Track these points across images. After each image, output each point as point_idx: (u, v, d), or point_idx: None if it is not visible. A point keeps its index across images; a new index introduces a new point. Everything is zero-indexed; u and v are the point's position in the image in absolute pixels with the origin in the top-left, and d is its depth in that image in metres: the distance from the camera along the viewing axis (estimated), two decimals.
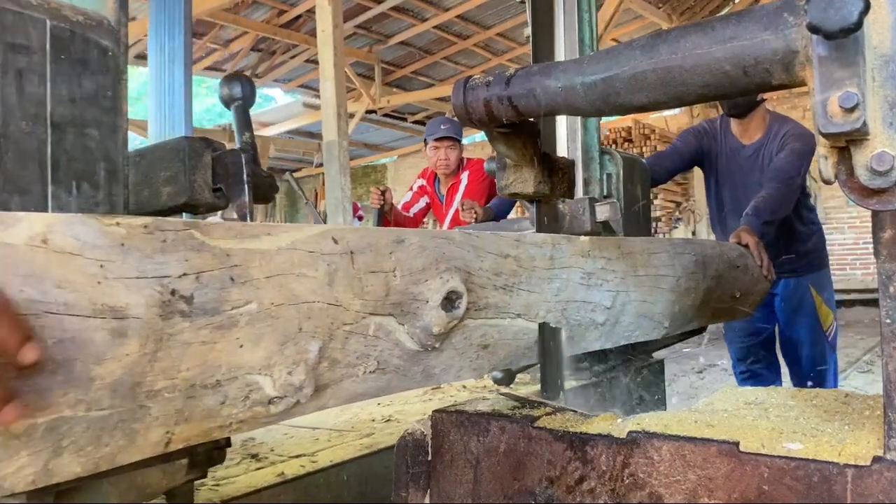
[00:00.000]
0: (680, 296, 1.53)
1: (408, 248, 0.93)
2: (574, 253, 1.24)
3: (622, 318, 1.37)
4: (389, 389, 0.94)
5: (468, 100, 1.13)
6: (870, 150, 0.74)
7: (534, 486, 1.00)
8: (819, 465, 0.79)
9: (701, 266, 1.60)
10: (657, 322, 1.47)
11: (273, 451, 1.66)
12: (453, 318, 0.97)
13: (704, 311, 1.67)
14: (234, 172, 1.17)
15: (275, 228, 0.80)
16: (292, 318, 0.79)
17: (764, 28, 0.82)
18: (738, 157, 3.18)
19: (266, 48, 11.82)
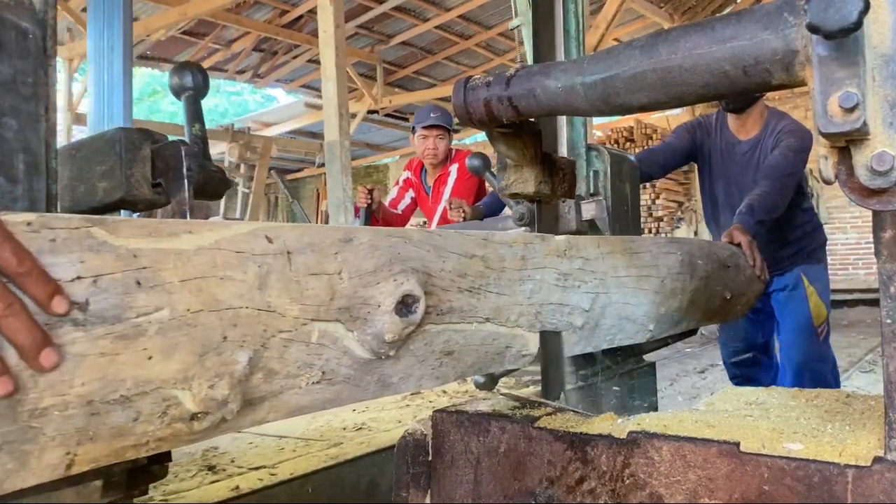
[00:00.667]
0: (665, 297, 1.46)
1: (357, 248, 0.86)
2: (548, 253, 1.18)
3: (602, 322, 1.31)
4: (340, 401, 0.87)
5: (468, 100, 1.13)
6: (870, 150, 0.73)
7: (534, 487, 1.00)
8: (820, 466, 0.79)
9: (688, 266, 1.54)
10: (641, 325, 1.41)
11: (233, 461, 1.57)
12: (409, 323, 0.90)
13: (693, 312, 1.61)
14: (174, 166, 1.09)
15: (199, 226, 0.73)
16: (214, 326, 0.71)
17: (764, 28, 0.82)
18: (733, 154, 3.12)
19: (268, 48, 11.83)
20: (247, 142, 12.36)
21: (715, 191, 3.20)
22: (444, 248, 0.99)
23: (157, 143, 1.11)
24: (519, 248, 1.11)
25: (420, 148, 4.08)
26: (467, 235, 1.04)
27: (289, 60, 12.21)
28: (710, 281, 1.64)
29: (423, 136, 4.04)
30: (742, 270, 1.91)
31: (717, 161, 3.16)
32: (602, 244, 1.31)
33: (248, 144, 12.35)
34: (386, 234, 0.91)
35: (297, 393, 0.82)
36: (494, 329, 1.08)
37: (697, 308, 1.61)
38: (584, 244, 1.26)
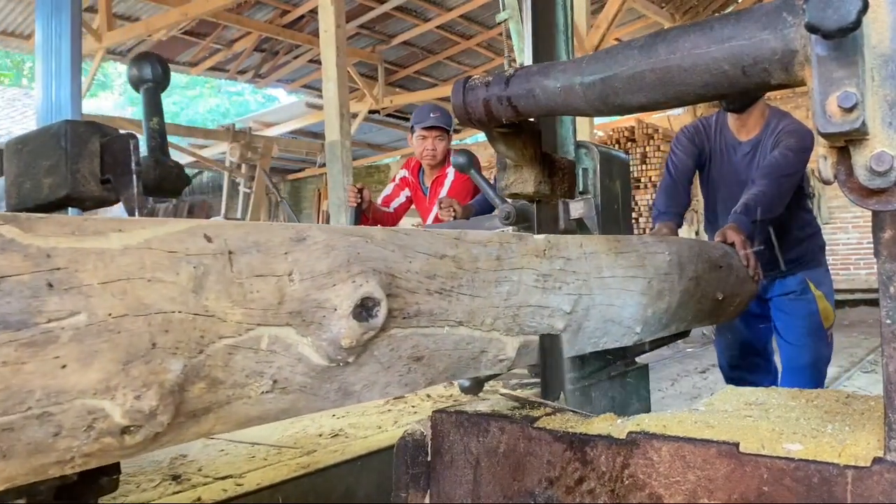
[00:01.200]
0: (653, 299, 1.41)
1: (310, 248, 0.81)
2: (526, 253, 1.12)
3: (586, 324, 1.25)
4: (297, 411, 0.83)
5: (467, 100, 1.13)
6: (869, 149, 0.73)
7: (533, 487, 1.00)
8: (819, 466, 0.79)
9: (676, 267, 1.48)
10: (627, 327, 1.36)
11: (200, 470, 1.50)
12: (370, 328, 0.84)
13: (683, 314, 1.55)
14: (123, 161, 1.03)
15: (131, 224, 0.68)
16: (140, 332, 0.65)
17: (763, 28, 0.82)
18: (733, 155, 3.04)
19: (269, 48, 11.84)
20: (248, 142, 12.36)
21: (715, 194, 3.13)
22: (411, 248, 0.94)
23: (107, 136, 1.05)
24: (494, 248, 1.07)
25: (418, 148, 3.98)
26: (437, 234, 0.99)
27: (290, 60, 12.22)
28: (700, 282, 1.59)
29: (421, 137, 3.94)
30: (735, 271, 1.85)
31: (717, 163, 3.09)
32: (585, 244, 1.26)
33: (250, 145, 12.36)
34: (344, 232, 0.86)
35: (247, 403, 0.77)
36: (468, 333, 1.02)
37: (687, 309, 1.57)
38: (566, 244, 1.22)
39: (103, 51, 9.72)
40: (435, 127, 3.90)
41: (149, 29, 9.36)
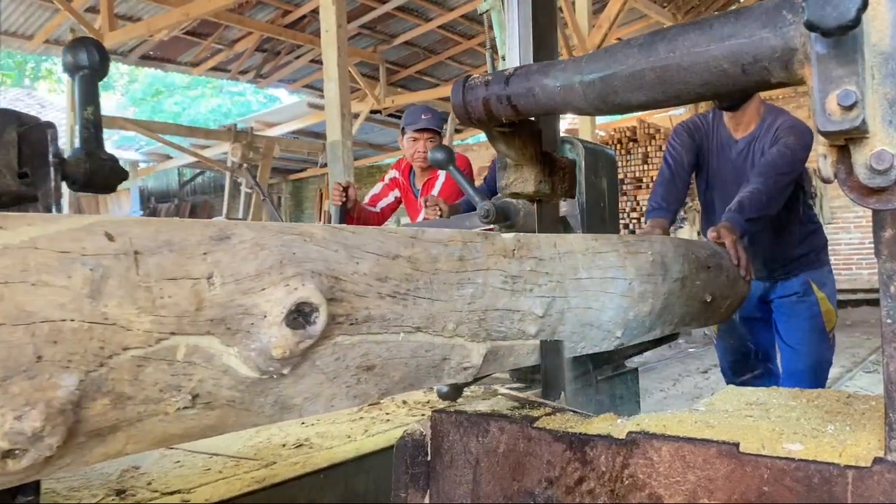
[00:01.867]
0: (634, 301, 1.34)
1: (234, 248, 0.73)
2: (493, 253, 1.05)
3: (561, 329, 1.19)
4: (227, 427, 0.76)
5: (467, 99, 1.13)
6: (869, 148, 0.73)
7: (533, 487, 0.99)
8: (819, 467, 0.79)
9: (660, 267, 1.41)
10: (607, 331, 1.30)
11: (150, 484, 1.41)
12: (307, 336, 0.76)
13: (668, 317, 1.49)
14: (41, 152, 0.95)
15: (14, 220, 0.61)
16: (21, 344, 0.58)
17: (762, 26, 0.81)
18: (728, 153, 2.98)
19: (270, 48, 11.85)
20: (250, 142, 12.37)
21: (712, 192, 3.08)
22: (359, 248, 0.86)
23: (25, 125, 0.97)
24: (456, 248, 0.99)
25: (409, 150, 3.88)
26: (390, 233, 0.92)
27: (291, 61, 12.23)
28: (686, 283, 1.52)
29: (412, 139, 3.84)
30: (724, 271, 1.77)
31: (713, 162, 3.04)
32: (559, 243, 1.20)
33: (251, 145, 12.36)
34: (277, 230, 0.79)
35: (164, 420, 0.69)
36: (428, 339, 0.95)
37: (673, 312, 1.50)
38: (537, 243, 1.15)
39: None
40: (426, 129, 3.82)
41: (150, 29, 9.37)
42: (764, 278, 3.02)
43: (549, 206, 1.39)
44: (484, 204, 1.66)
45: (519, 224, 1.65)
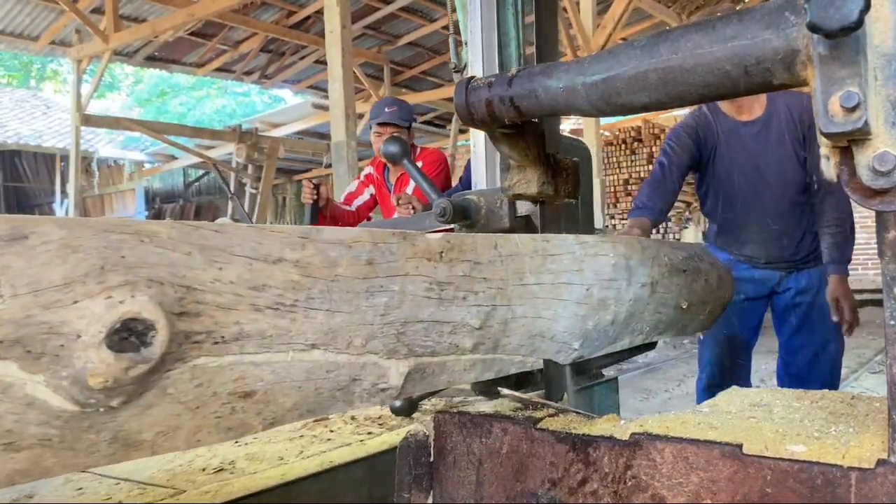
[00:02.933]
0: (593, 309, 1.22)
1: (33, 250, 0.59)
2: (413, 256, 0.92)
3: (505, 341, 1.06)
4: (46, 470, 0.62)
5: (470, 100, 1.13)
6: (872, 150, 0.73)
7: (536, 488, 1.00)
8: (823, 468, 0.79)
9: (624, 271, 1.28)
10: (562, 343, 1.18)
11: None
12: (140, 360, 0.62)
13: (636, 326, 1.37)
14: None
15: None
16: None
17: (765, 27, 0.81)
18: (739, 137, 2.87)
19: (275, 49, 11.87)
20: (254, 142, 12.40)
21: (730, 185, 2.94)
22: (222, 250, 0.72)
23: None
24: (362, 250, 0.86)
25: (375, 145, 3.67)
26: (270, 232, 0.79)
27: (296, 61, 12.24)
28: (656, 288, 1.39)
29: (377, 133, 3.62)
30: (703, 275, 1.63)
31: (722, 150, 2.92)
32: (501, 244, 1.07)
33: (256, 145, 12.40)
34: (101, 228, 0.64)
35: None
36: (328, 358, 0.82)
37: (641, 320, 1.38)
38: (473, 245, 1.02)
39: (110, 52, 9.75)
40: (388, 123, 3.60)
41: (155, 30, 9.39)
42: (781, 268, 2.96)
43: (553, 208, 1.38)
44: (440, 201, 1.50)
45: (480, 223, 1.51)
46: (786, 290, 2.98)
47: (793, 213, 2.88)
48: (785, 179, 2.85)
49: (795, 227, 2.89)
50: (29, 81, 24.29)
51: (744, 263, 2.97)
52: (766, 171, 2.83)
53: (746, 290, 2.94)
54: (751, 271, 2.96)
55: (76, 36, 10.05)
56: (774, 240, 2.92)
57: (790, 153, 2.82)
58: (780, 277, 2.97)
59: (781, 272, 2.97)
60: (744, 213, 2.93)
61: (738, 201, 2.94)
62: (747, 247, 2.97)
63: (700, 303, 1.62)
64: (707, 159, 2.97)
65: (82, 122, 10.28)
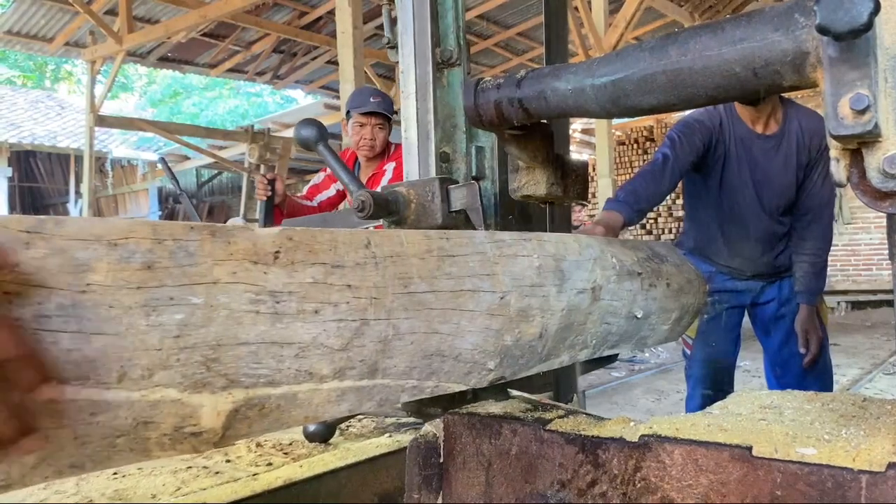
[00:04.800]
0: (511, 321, 1.03)
1: None
2: (227, 257, 0.73)
3: (387, 363, 0.88)
4: None
5: (479, 102, 1.14)
6: (882, 152, 0.72)
7: (545, 489, 1.00)
8: (833, 471, 0.78)
9: (553, 275, 1.10)
10: (472, 363, 0.99)
11: None
12: None
13: (576, 339, 1.18)
14: None
15: None
16: None
17: (774, 29, 0.81)
18: (750, 148, 2.75)
19: (287, 50, 11.91)
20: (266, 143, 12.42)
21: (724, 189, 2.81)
22: None
23: None
24: (136, 250, 0.66)
25: (355, 137, 3.37)
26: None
27: (308, 62, 12.28)
28: (600, 294, 1.20)
29: (359, 124, 3.33)
30: (663, 278, 1.42)
31: (731, 159, 2.77)
32: (377, 243, 0.89)
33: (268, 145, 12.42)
34: None
35: None
36: (90, 396, 0.63)
37: (583, 333, 1.20)
38: (329, 243, 0.83)
39: (123, 53, 9.81)
40: (375, 113, 3.32)
41: (168, 31, 9.44)
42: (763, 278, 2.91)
43: (562, 209, 1.38)
44: (359, 193, 1.29)
45: (410, 218, 1.32)
46: (768, 300, 2.92)
47: (778, 230, 2.86)
48: (781, 199, 2.80)
49: (778, 242, 2.88)
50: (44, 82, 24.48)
51: (725, 274, 2.93)
52: (767, 187, 2.78)
53: (728, 301, 2.92)
54: (733, 282, 2.92)
55: (90, 37, 10.11)
56: (760, 255, 2.89)
57: (792, 176, 2.76)
58: (762, 287, 2.93)
59: (763, 282, 2.93)
60: (737, 225, 2.84)
61: (734, 212, 2.84)
62: (735, 259, 2.90)
63: (661, 311, 1.42)
64: (711, 164, 2.81)
65: (96, 122, 10.35)
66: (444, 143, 1.41)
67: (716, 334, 2.90)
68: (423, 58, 1.37)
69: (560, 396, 1.38)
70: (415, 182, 1.36)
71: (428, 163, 1.39)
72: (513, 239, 1.08)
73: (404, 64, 1.41)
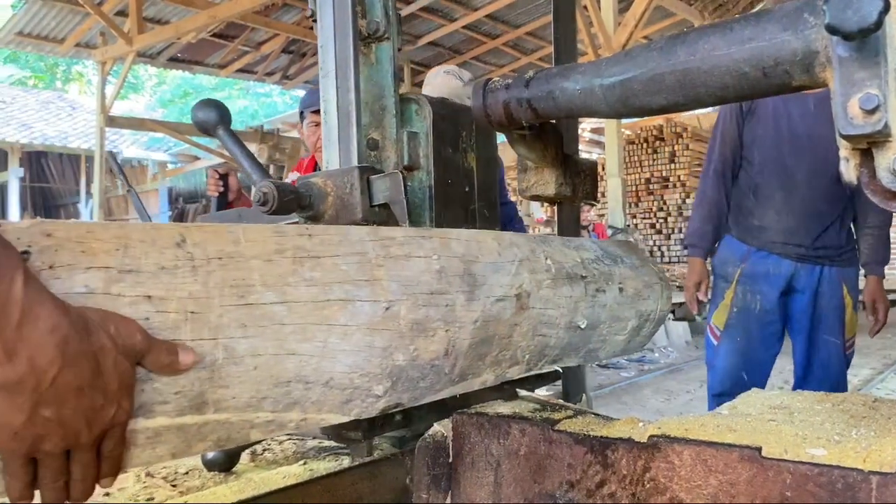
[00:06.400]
0: (403, 337, 0.86)
1: None
2: None
3: (221, 394, 0.70)
4: None
5: (487, 102, 1.14)
6: (892, 152, 0.72)
7: (554, 490, 1.00)
8: (843, 472, 0.78)
9: (461, 280, 0.94)
10: (351, 389, 0.82)
11: None
12: None
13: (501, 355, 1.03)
14: None
15: None
16: None
17: (783, 28, 0.81)
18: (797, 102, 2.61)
19: (297, 50, 11.93)
20: (276, 143, 12.48)
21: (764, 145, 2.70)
22: None
23: None
24: None
25: (311, 138, 3.10)
26: None
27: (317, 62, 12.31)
28: (528, 302, 1.04)
29: (314, 123, 3.03)
30: (615, 281, 1.25)
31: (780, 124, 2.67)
32: (195, 240, 0.70)
33: (278, 146, 12.48)
34: None
35: None
36: None
37: (508, 347, 1.04)
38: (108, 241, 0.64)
39: (134, 54, 9.87)
40: None
41: (178, 32, 9.48)
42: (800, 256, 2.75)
43: (571, 209, 1.38)
44: (261, 184, 1.12)
45: (328, 213, 1.16)
46: (802, 289, 2.77)
47: (827, 197, 2.67)
48: (831, 160, 2.63)
49: (826, 214, 2.70)
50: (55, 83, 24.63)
51: (761, 251, 2.77)
52: (817, 145, 2.61)
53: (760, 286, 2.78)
54: (765, 264, 2.76)
55: (101, 38, 10.17)
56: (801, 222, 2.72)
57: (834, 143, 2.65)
58: (796, 270, 2.75)
59: (797, 262, 2.75)
60: (780, 185, 2.71)
61: (777, 170, 2.72)
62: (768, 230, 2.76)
63: (613, 319, 1.25)
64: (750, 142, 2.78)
65: (107, 122, 10.41)
66: (372, 129, 1.24)
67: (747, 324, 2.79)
68: (343, 30, 1.19)
69: (569, 396, 1.38)
70: (333, 172, 1.18)
71: (350, 150, 1.19)
72: (406, 237, 0.91)
73: (323, 37, 1.23)
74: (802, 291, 2.78)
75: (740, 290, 2.77)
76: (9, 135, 15.37)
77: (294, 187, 1.14)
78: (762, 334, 2.80)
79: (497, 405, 1.15)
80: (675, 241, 12.14)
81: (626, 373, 6.88)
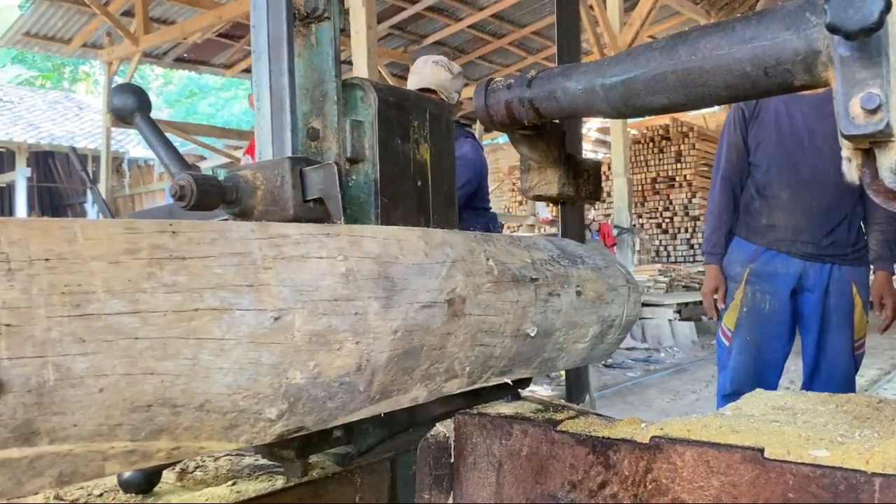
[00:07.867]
0: (299, 351, 0.74)
1: None
2: None
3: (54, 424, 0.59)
4: None
5: (489, 102, 1.13)
6: (894, 151, 0.72)
7: (556, 490, 0.99)
8: (846, 474, 0.78)
9: (376, 284, 0.83)
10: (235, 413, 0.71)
11: None
12: None
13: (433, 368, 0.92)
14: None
15: None
16: None
17: (785, 28, 0.80)
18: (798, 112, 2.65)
19: None
20: None
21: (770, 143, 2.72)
22: None
23: None
24: None
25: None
26: None
27: None
28: (463, 308, 0.93)
29: None
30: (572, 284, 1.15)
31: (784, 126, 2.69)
32: (11, 238, 0.59)
33: None
34: None
35: None
36: None
37: (441, 360, 0.92)
38: None
39: (140, 54, 9.90)
40: None
41: (184, 32, 9.51)
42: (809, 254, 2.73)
43: (574, 209, 1.38)
44: (179, 177, 1.02)
45: (257, 209, 1.05)
46: (811, 288, 2.76)
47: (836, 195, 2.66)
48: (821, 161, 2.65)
49: (834, 212, 2.70)
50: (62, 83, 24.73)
51: (769, 249, 2.77)
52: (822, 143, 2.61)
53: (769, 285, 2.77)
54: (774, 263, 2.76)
55: (107, 38, 10.21)
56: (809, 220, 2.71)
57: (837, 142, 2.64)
58: (804, 269, 2.74)
59: (806, 261, 2.74)
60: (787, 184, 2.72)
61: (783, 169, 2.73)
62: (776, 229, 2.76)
63: (570, 326, 1.14)
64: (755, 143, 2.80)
65: (113, 123, 10.44)
66: (313, 117, 1.13)
67: (756, 324, 2.78)
68: (276, 7, 1.09)
69: (572, 397, 1.38)
70: (263, 164, 1.07)
71: (283, 139, 1.08)
72: (304, 234, 0.79)
73: (255, 16, 1.12)
74: (812, 290, 2.76)
75: (749, 290, 2.77)
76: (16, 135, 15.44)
77: (217, 180, 1.03)
78: (772, 334, 2.79)
79: (499, 405, 1.15)
80: (681, 241, 12.12)
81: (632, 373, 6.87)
